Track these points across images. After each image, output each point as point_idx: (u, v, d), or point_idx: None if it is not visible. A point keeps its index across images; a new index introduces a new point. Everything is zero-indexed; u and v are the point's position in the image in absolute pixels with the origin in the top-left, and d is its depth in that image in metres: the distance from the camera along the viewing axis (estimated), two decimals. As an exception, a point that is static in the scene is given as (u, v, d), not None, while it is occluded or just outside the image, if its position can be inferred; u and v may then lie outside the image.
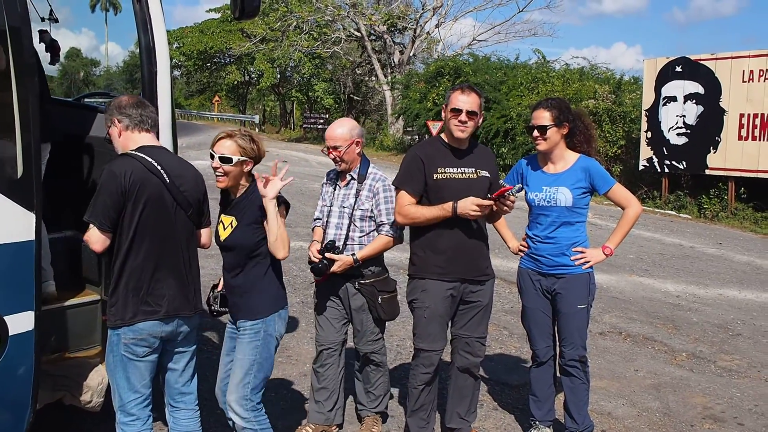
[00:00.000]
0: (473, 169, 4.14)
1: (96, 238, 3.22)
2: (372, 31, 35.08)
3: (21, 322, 3.17)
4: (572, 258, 4.28)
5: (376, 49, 35.79)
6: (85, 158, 4.74)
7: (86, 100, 6.07)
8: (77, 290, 4.41)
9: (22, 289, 3.19)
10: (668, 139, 17.07)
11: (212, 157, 3.50)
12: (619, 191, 4.34)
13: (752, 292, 9.12)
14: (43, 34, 4.86)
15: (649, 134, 17.56)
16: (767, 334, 7.32)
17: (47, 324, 3.67)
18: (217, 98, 51.26)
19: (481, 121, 4.12)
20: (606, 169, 4.49)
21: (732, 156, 15.64)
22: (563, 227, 4.29)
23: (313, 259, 4.29)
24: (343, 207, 4.39)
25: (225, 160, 3.46)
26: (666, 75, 17.05)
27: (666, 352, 6.62)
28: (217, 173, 3.50)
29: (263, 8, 35.24)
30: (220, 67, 49.65)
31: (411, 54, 34.66)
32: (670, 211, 16.73)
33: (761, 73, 15.01)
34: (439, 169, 4.09)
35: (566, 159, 4.32)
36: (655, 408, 5.32)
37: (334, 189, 4.49)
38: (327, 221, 4.44)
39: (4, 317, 3.11)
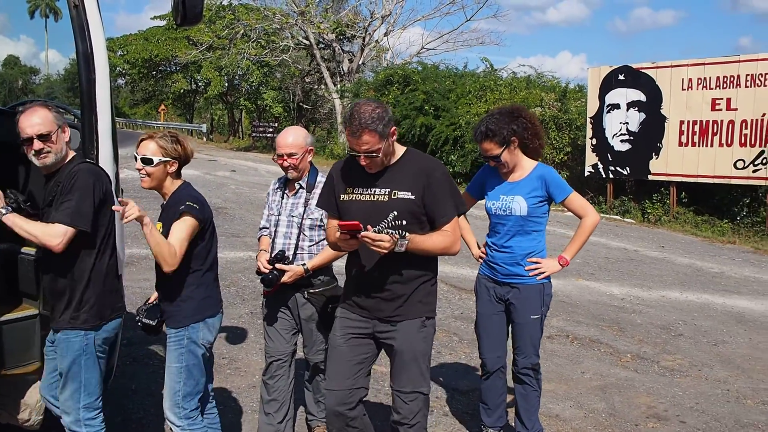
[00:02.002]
0: (387, 191, 3.40)
1: (68, 239, 3.23)
2: (321, 40, 35.06)
3: None
4: (527, 268, 4.25)
5: (325, 57, 35.76)
6: (21, 167, 4.58)
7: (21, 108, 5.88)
8: (13, 305, 4.21)
9: None
10: (612, 146, 17.44)
11: (135, 159, 3.51)
12: (576, 200, 4.28)
13: (693, 293, 9.37)
14: None
15: (594, 141, 17.91)
16: (707, 334, 7.54)
17: None
18: (163, 107, 50.50)
19: (392, 141, 3.40)
20: None
21: (673, 161, 16.07)
22: (519, 236, 4.26)
23: (263, 269, 4.23)
24: (292, 216, 4.34)
25: (146, 161, 3.48)
26: (609, 83, 17.43)
27: (611, 354, 6.76)
28: (140, 174, 3.53)
29: (209, 16, 34.96)
30: (165, 75, 48.82)
31: (360, 62, 34.72)
32: (615, 216, 17.08)
33: (699, 81, 15.46)
34: (347, 189, 3.51)
35: (524, 167, 4.27)
36: (601, 409, 5.43)
37: (282, 198, 4.42)
38: (275, 231, 4.39)
39: None
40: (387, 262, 3.36)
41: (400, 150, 3.48)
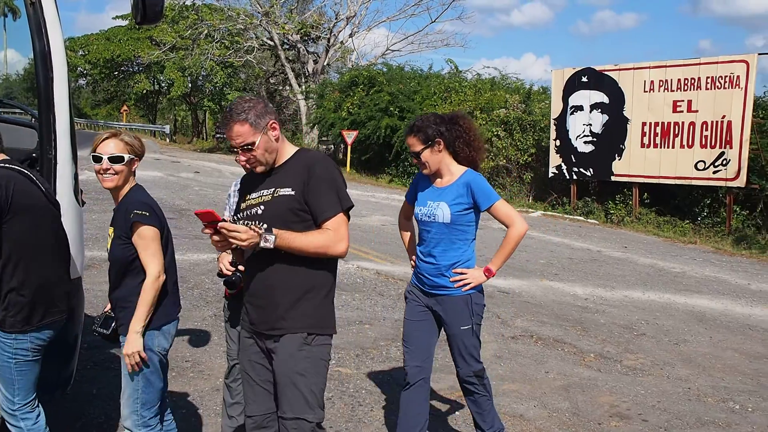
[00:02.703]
0: (271, 190, 3.20)
1: None
2: (285, 40, 34.91)
3: None
4: (452, 279, 4.04)
5: (290, 58, 35.62)
6: None
7: None
8: None
9: None
10: (576, 147, 17.61)
11: (98, 159, 3.36)
12: (502, 209, 4.02)
13: (655, 293, 9.47)
14: None
15: (558, 142, 18.07)
16: (669, 333, 7.62)
17: None
18: (125, 108, 49.84)
19: (274, 136, 3.17)
20: (516, 177, 4.37)
21: (635, 163, 16.28)
22: (443, 245, 4.06)
23: (225, 271, 4.15)
24: None
25: (116, 159, 3.36)
26: (573, 85, 17.60)
27: (575, 354, 6.79)
28: (106, 174, 3.38)
29: (172, 15, 34.62)
30: (128, 75, 48.13)
31: (325, 63, 34.64)
32: (578, 217, 17.24)
33: (661, 83, 15.70)
34: (245, 197, 3.36)
35: (452, 173, 4.08)
36: (565, 408, 5.44)
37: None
38: None
39: None
40: (269, 268, 3.11)
41: (292, 150, 3.25)
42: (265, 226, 3.06)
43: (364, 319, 7.41)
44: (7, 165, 3.28)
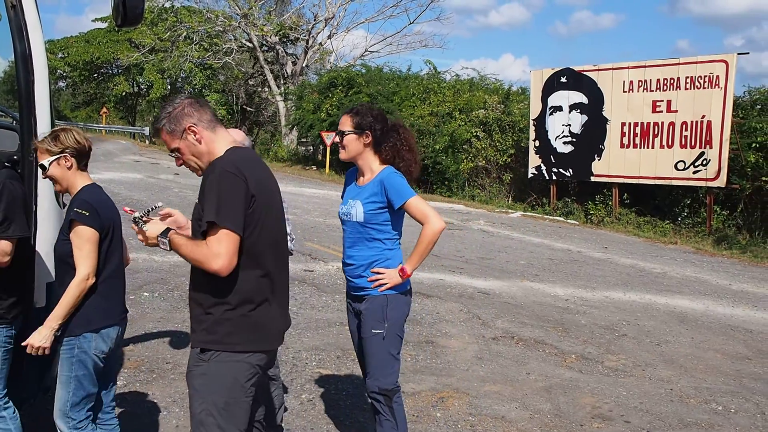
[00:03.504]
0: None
1: None
2: (264, 42, 34.79)
3: None
4: (369, 279, 3.85)
5: (269, 59, 35.51)
6: None
7: None
8: None
9: None
10: (555, 148, 17.64)
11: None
12: (416, 206, 3.79)
13: (636, 293, 9.45)
14: None
15: (537, 143, 18.09)
16: (651, 334, 7.58)
17: None
18: (104, 110, 49.44)
19: (195, 140, 2.90)
20: (496, 178, 4.19)
21: (615, 163, 16.33)
22: (359, 245, 3.89)
23: None
24: None
25: (41, 168, 3.42)
26: (552, 85, 17.63)
27: (556, 355, 6.73)
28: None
29: (151, 18, 34.42)
30: (107, 77, 47.87)
31: (304, 65, 34.57)
32: (558, 218, 17.26)
33: (640, 83, 15.75)
34: None
35: (373, 171, 3.92)
36: (547, 410, 5.38)
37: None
38: None
39: None
40: (192, 276, 2.94)
41: (222, 152, 2.93)
42: (168, 228, 2.92)
43: (345, 320, 7.24)
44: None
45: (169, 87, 41.98)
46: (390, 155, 3.91)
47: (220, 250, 2.68)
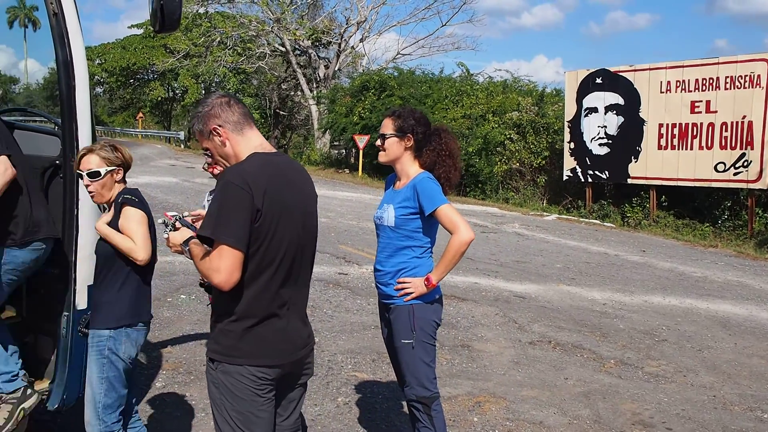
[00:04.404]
0: None
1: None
2: (297, 46, 34.95)
3: None
4: (395, 288, 3.79)
5: (301, 63, 35.65)
6: None
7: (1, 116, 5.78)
8: None
9: None
10: (591, 150, 17.44)
11: (81, 177, 3.49)
12: (446, 214, 3.69)
13: (676, 298, 9.27)
14: None
15: (572, 145, 17.90)
16: (692, 339, 7.43)
17: None
18: (141, 115, 50.16)
19: (219, 141, 2.87)
20: (530, 181, 4.08)
21: (652, 165, 16.08)
22: (389, 251, 3.84)
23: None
24: None
25: (94, 174, 3.44)
26: (587, 87, 17.44)
27: (595, 360, 6.62)
28: (90, 191, 3.48)
29: (186, 23, 34.76)
30: (143, 83, 48.69)
31: (336, 68, 34.66)
32: (594, 221, 17.05)
33: (678, 83, 15.49)
34: None
35: (409, 175, 3.84)
36: (586, 415, 5.29)
37: (204, 209, 4.20)
38: None
39: None
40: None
41: (246, 154, 2.86)
42: (176, 223, 2.98)
43: (379, 324, 7.28)
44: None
45: (203, 92, 42.41)
46: (430, 159, 3.84)
47: (220, 266, 2.62)
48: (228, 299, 2.75)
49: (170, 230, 2.97)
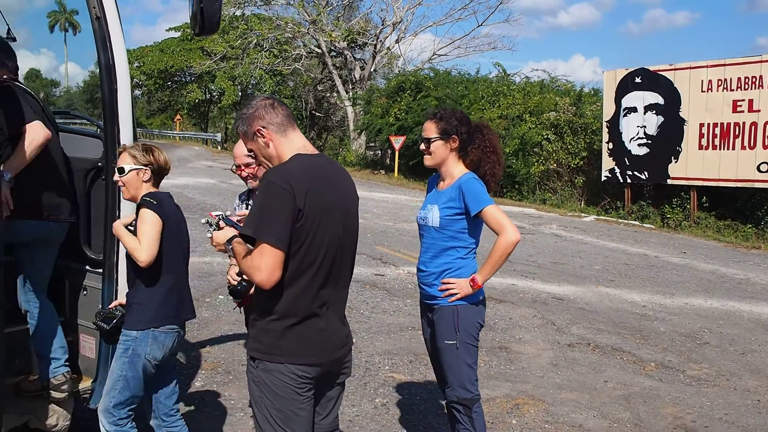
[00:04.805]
0: None
1: None
2: (332, 48, 35.08)
3: None
4: (440, 288, 3.78)
5: (337, 65, 35.77)
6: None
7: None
8: None
9: None
10: (630, 150, 17.22)
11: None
12: (492, 214, 3.67)
13: (718, 300, 9.12)
14: None
15: (611, 145, 17.70)
16: (734, 342, 7.29)
17: (11, 346, 3.61)
18: (178, 117, 50.78)
19: (263, 143, 2.90)
20: (568, 181, 4.04)
21: (693, 165, 15.82)
22: (433, 252, 3.82)
23: (231, 281, 4.04)
24: None
25: (120, 171, 3.55)
26: (626, 86, 17.23)
27: (635, 363, 6.53)
28: (119, 186, 3.61)
29: (223, 26, 35.05)
30: (181, 85, 49.27)
31: (372, 69, 34.71)
32: (633, 222, 16.84)
33: (719, 82, 15.22)
34: None
35: (453, 176, 3.82)
36: (626, 419, 5.22)
37: (247, 209, 4.15)
38: None
39: None
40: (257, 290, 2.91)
41: (288, 156, 2.89)
42: (219, 222, 3.05)
43: (417, 324, 7.23)
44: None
45: (239, 93, 42.81)
46: (476, 157, 3.84)
47: (260, 264, 2.66)
48: (269, 298, 2.77)
49: (214, 229, 3.01)
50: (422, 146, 3.87)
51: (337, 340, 2.91)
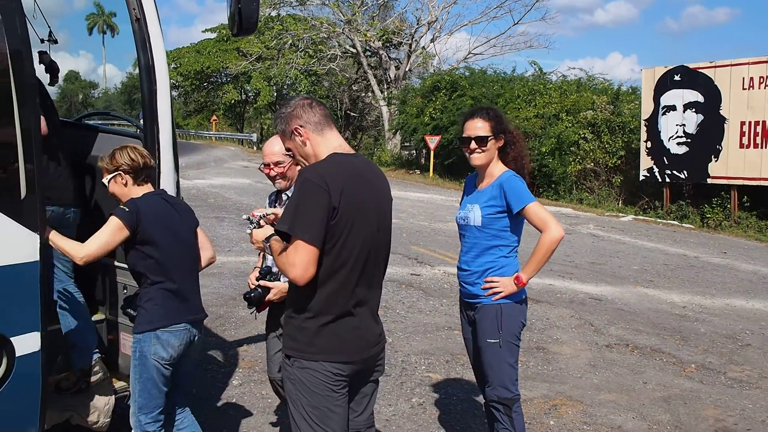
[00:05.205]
0: None
1: None
2: (367, 47, 35.13)
3: (27, 343, 3.11)
4: (483, 287, 3.77)
5: (372, 65, 35.81)
6: (87, 178, 4.67)
7: (86, 120, 6.01)
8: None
9: (28, 311, 3.12)
10: (668, 149, 16.99)
11: None
12: (535, 212, 3.66)
13: (760, 301, 8.96)
14: (43, 56, 4.74)
15: (649, 144, 17.48)
16: (777, 343, 7.17)
17: (54, 344, 3.64)
18: (214, 117, 51.29)
19: (300, 141, 2.94)
20: (605, 181, 3.97)
21: (734, 164, 15.54)
22: (475, 251, 3.81)
23: (250, 286, 3.92)
24: None
25: (104, 185, 3.59)
26: (664, 84, 16.99)
27: (675, 364, 6.45)
28: None
29: (259, 27, 35.31)
30: (217, 86, 49.75)
31: (407, 69, 34.68)
32: (672, 221, 16.61)
33: (761, 80, 14.94)
34: None
35: (493, 175, 3.81)
36: (666, 421, 5.16)
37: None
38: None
39: (11, 338, 3.05)
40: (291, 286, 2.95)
41: (325, 154, 2.92)
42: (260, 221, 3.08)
43: (453, 324, 7.25)
44: None
45: (275, 94, 43.09)
46: (516, 155, 3.84)
47: (295, 261, 2.69)
48: (304, 296, 2.80)
49: (254, 227, 3.03)
50: (472, 144, 3.81)
51: (371, 338, 2.94)
